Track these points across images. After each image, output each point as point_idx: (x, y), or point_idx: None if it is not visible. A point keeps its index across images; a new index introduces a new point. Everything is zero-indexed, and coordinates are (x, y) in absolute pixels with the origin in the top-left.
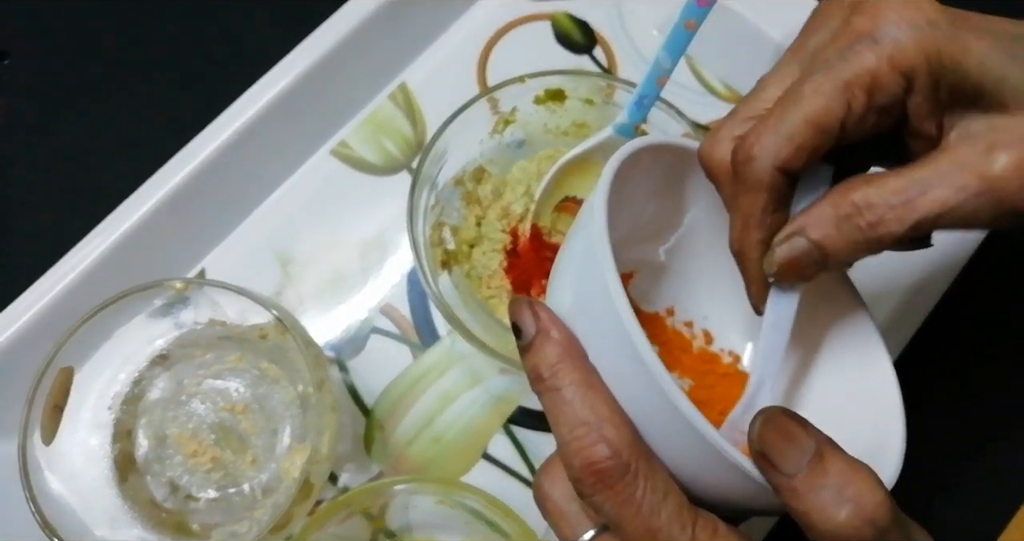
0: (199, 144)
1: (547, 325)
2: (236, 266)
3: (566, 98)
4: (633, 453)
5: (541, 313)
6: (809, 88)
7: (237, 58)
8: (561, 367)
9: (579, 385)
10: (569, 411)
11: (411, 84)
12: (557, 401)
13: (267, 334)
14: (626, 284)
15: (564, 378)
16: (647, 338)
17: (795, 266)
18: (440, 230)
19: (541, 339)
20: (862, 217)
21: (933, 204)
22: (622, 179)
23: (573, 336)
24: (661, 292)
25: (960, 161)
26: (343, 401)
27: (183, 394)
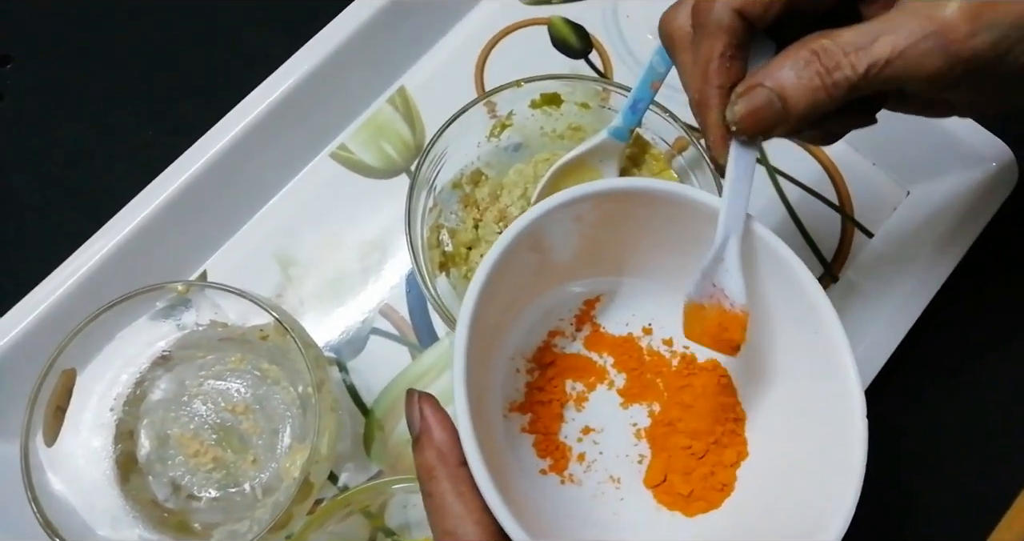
0: (201, 148)
1: (429, 425)
2: (237, 268)
3: (562, 102)
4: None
5: (426, 411)
6: None
7: (238, 63)
8: (435, 472)
9: (449, 493)
10: (438, 518)
11: (410, 88)
12: (430, 506)
13: (268, 335)
14: (592, 310)
15: (437, 485)
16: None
17: (757, 117)
18: (438, 232)
19: (424, 440)
20: (818, 62)
21: (884, 48)
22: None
23: (452, 438)
24: (636, 312)
25: (911, 10)
26: (343, 401)
27: (185, 395)
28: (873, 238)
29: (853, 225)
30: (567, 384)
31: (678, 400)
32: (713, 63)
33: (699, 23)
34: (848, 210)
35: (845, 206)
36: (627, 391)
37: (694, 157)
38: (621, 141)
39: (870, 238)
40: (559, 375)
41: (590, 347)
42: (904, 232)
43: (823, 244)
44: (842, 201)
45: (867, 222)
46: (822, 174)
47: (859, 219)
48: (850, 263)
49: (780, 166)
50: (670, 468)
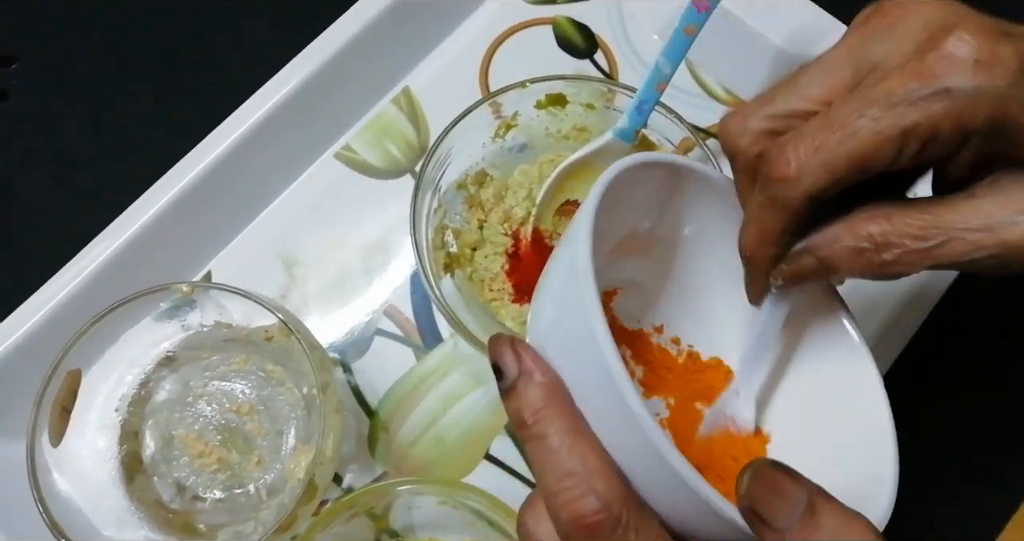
0: (205, 148)
1: (530, 367)
2: (242, 269)
3: (567, 103)
4: (624, 505)
5: (523, 354)
6: (866, 125)
7: (242, 63)
8: (546, 413)
9: (566, 433)
10: (556, 461)
11: (414, 88)
12: (542, 449)
13: (272, 336)
14: (610, 301)
15: (550, 425)
16: (634, 386)
17: (800, 277)
18: (443, 233)
19: (524, 382)
20: (877, 254)
21: (947, 256)
22: (611, 197)
23: (558, 378)
24: (649, 308)
25: (984, 215)
26: (347, 402)
27: (189, 396)
28: None
29: None
30: None
31: (690, 393)
32: (772, 235)
33: (767, 193)
34: None
35: None
36: (647, 382)
37: (700, 158)
38: (627, 142)
39: None
40: None
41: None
42: None
43: None
44: None
45: None
46: None
47: None
48: None
49: None
50: (698, 457)
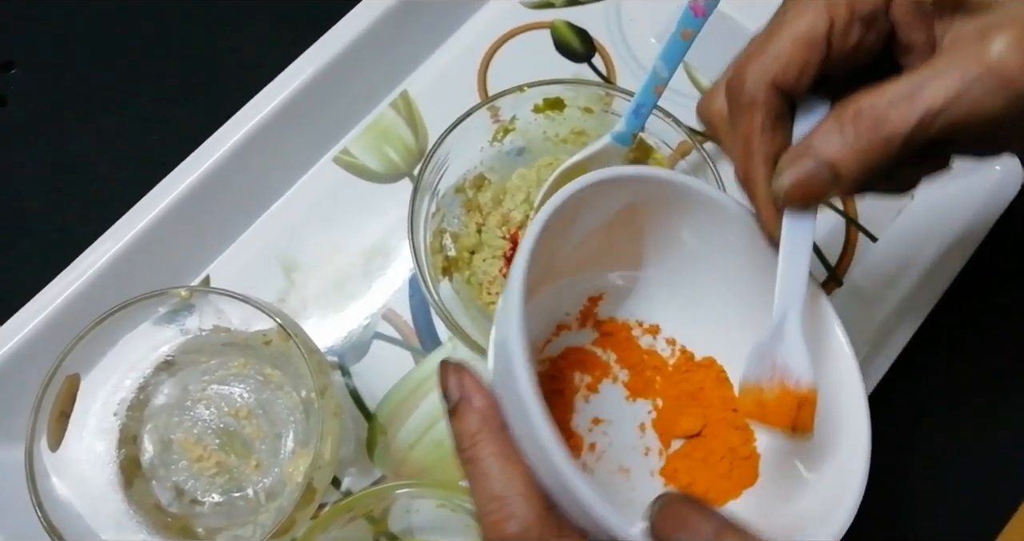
0: (204, 153)
1: (469, 393)
2: (240, 273)
3: (565, 107)
4: (543, 527)
5: (465, 379)
6: (792, 11)
7: (241, 68)
8: (480, 437)
9: (496, 458)
10: (485, 484)
11: (413, 92)
12: (475, 472)
13: (271, 340)
14: (595, 306)
15: (483, 449)
16: (550, 424)
17: (804, 188)
18: (441, 237)
19: (463, 407)
20: (863, 120)
21: (936, 95)
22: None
23: (494, 404)
24: (644, 310)
25: (957, 54)
26: (346, 406)
27: (188, 400)
28: (877, 242)
29: (857, 229)
30: (576, 376)
31: (678, 395)
32: (754, 136)
33: (734, 100)
34: (852, 214)
35: (849, 210)
36: (632, 386)
37: (697, 161)
38: (624, 146)
39: (874, 242)
40: (568, 367)
41: (594, 343)
42: (908, 236)
43: (827, 248)
44: (846, 206)
45: (871, 226)
46: None
47: (863, 224)
48: (854, 267)
49: None
50: (681, 459)
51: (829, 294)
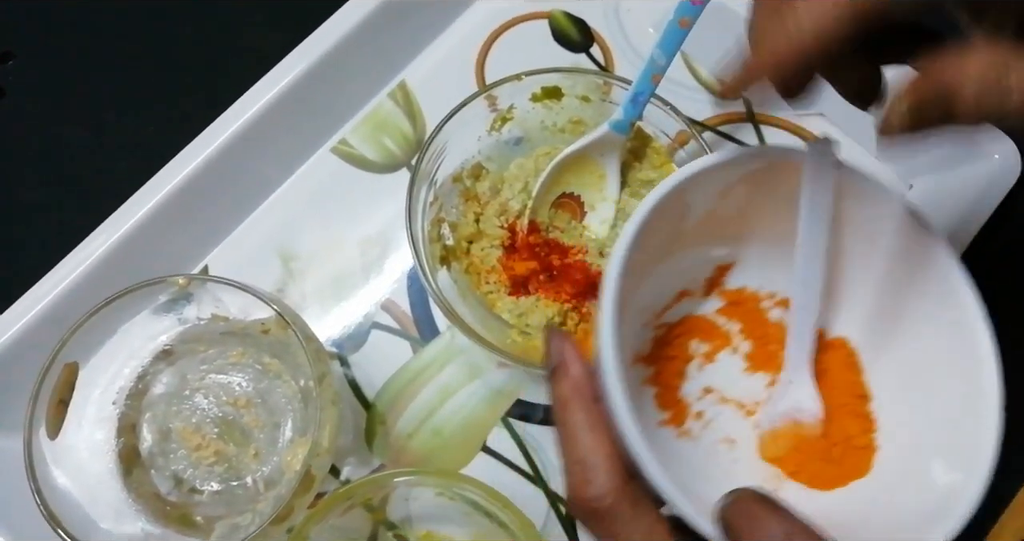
0: (202, 143)
1: (567, 360)
2: (239, 263)
3: (563, 96)
4: (617, 498)
5: (565, 347)
6: None
7: (239, 58)
8: (570, 405)
9: (582, 425)
10: (570, 446)
11: (411, 82)
12: (563, 434)
13: (269, 329)
14: (723, 275)
15: (572, 415)
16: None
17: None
18: (439, 226)
19: (560, 373)
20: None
21: None
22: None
23: (589, 375)
24: (767, 283)
25: None
26: (345, 395)
27: (187, 389)
28: None
29: None
30: (692, 344)
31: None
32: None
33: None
34: None
35: None
36: (752, 357)
37: (696, 151)
38: (622, 134)
39: None
40: (685, 334)
41: (718, 311)
42: None
43: None
44: None
45: None
46: None
47: None
48: None
49: None
50: (792, 439)
51: None
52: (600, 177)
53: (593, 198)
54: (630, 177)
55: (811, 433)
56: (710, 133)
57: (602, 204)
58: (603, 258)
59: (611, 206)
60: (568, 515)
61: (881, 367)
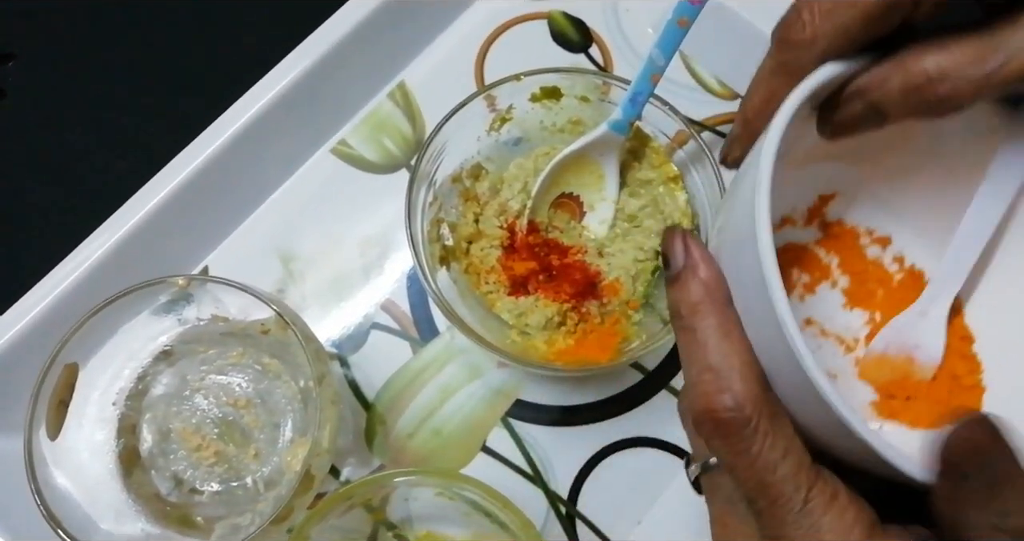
0: (201, 143)
1: (696, 261)
2: (239, 264)
3: (562, 96)
4: (756, 408)
5: (692, 248)
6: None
7: (238, 59)
8: (701, 308)
9: (715, 330)
10: (700, 353)
11: (410, 83)
12: (691, 341)
13: (269, 330)
14: (825, 206)
15: (702, 320)
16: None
17: (849, 126)
18: (438, 227)
19: (687, 275)
20: (932, 89)
21: (1012, 72)
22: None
23: (720, 277)
24: (879, 219)
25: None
26: (344, 395)
27: (187, 389)
28: None
29: None
30: (793, 273)
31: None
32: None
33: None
34: None
35: None
36: (851, 293)
37: (695, 150)
38: (621, 134)
39: None
40: (787, 262)
41: (817, 243)
42: None
43: None
44: None
45: None
46: None
47: None
48: None
49: None
50: (898, 371)
51: None
52: (599, 177)
53: (592, 198)
54: (629, 177)
55: (921, 374)
56: (709, 133)
57: (601, 204)
58: (602, 258)
59: (610, 206)
60: (566, 516)
61: (980, 308)
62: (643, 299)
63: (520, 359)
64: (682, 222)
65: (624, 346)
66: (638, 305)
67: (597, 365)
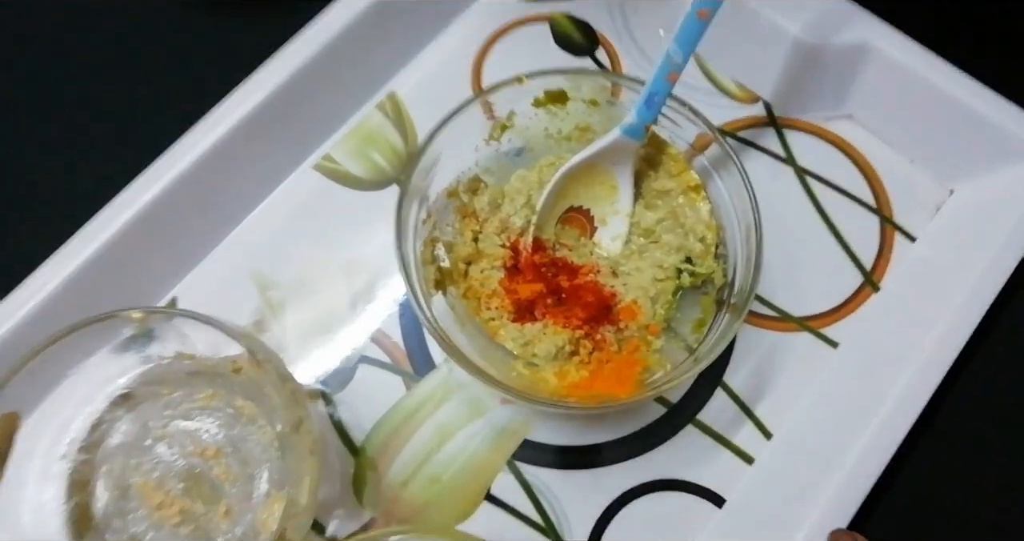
0: (170, 161)
1: None
2: (211, 294)
3: (568, 100)
4: None
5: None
6: None
7: (212, 66)
8: None
9: None
10: None
11: (401, 93)
12: None
13: (241, 368)
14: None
15: None
16: None
17: None
18: (433, 247)
19: None
20: None
21: None
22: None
23: None
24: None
25: None
26: (330, 439)
27: (148, 438)
28: (916, 243)
29: (893, 228)
30: None
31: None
32: None
33: None
34: (887, 212)
35: (883, 208)
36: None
37: (718, 156)
38: (636, 140)
39: (912, 243)
40: None
41: None
42: (950, 235)
43: (861, 250)
44: (879, 203)
45: (908, 225)
46: (856, 174)
47: (899, 222)
48: (892, 271)
49: (809, 166)
50: None
51: (866, 300)
52: (612, 188)
53: (604, 212)
54: (644, 188)
55: None
56: (730, 139)
57: (614, 218)
58: (617, 278)
59: (624, 220)
60: None
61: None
62: (664, 323)
63: (527, 395)
64: (706, 236)
65: (645, 377)
66: (659, 330)
67: (615, 401)
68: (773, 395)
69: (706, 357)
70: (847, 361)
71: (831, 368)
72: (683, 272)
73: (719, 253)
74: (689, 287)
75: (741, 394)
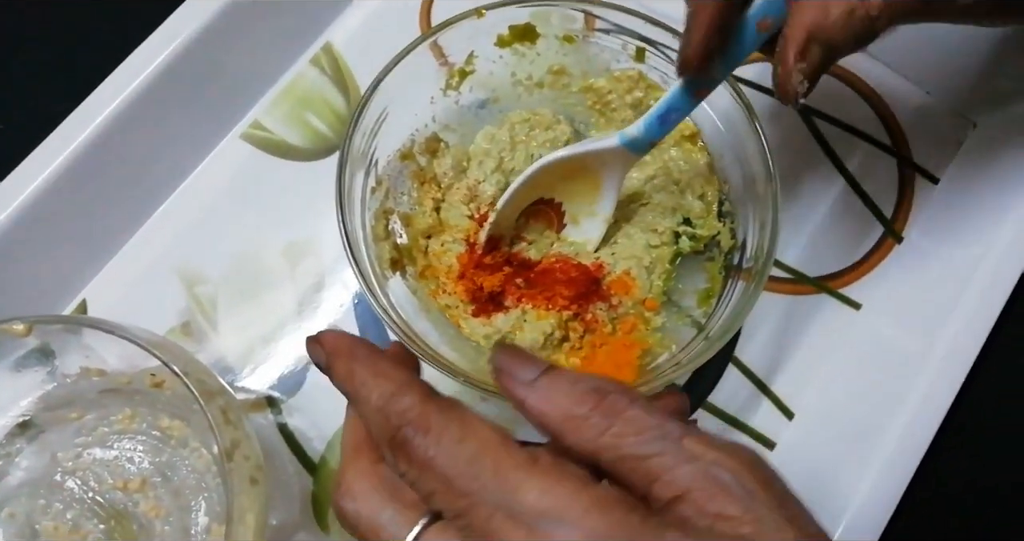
0: (63, 138)
1: (335, 346)
2: (128, 294)
3: (537, 36)
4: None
5: (325, 339)
6: None
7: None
8: (355, 371)
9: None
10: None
11: (337, 44)
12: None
13: (163, 381)
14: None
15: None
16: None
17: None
18: (386, 220)
19: (332, 360)
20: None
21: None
22: None
23: (352, 339)
24: None
25: None
26: (283, 455)
27: (57, 472)
28: (939, 184)
29: (913, 170)
30: None
31: None
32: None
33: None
34: (905, 152)
35: (900, 148)
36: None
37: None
38: (636, 153)
39: (935, 185)
40: None
41: None
42: (976, 173)
43: (880, 197)
44: (896, 142)
45: (929, 165)
46: (867, 110)
47: (919, 162)
48: (915, 219)
49: (813, 103)
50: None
51: (889, 252)
52: (594, 187)
53: (578, 210)
54: None
55: None
56: None
57: (589, 220)
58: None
59: (600, 225)
60: None
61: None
62: (663, 296)
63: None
64: (705, 192)
65: (647, 362)
66: (657, 305)
67: None
68: (791, 368)
69: (721, 336)
70: (873, 324)
71: (855, 333)
72: (681, 236)
73: (723, 211)
74: (690, 253)
75: (755, 369)
